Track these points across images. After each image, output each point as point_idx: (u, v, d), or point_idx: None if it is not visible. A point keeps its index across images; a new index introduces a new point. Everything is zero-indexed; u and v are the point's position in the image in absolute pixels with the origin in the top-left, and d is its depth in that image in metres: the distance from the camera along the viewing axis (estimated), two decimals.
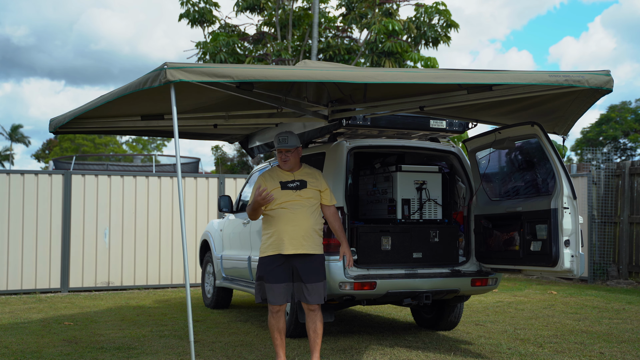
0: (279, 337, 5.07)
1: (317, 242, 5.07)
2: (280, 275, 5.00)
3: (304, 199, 5.05)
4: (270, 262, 5.02)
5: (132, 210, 11.33)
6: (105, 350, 6.03)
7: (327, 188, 5.22)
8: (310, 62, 6.43)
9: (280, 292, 4.99)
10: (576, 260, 5.17)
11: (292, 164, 5.15)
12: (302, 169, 5.22)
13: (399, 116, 6.50)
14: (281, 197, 5.03)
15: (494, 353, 5.85)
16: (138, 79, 4.40)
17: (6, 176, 10.69)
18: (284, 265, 5.00)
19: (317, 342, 5.08)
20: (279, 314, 5.05)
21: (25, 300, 9.89)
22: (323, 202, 5.18)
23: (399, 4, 16.56)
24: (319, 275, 5.05)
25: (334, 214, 5.23)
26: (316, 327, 5.06)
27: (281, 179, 5.10)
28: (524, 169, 5.86)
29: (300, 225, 4.97)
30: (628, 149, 42.91)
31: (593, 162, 12.52)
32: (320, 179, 5.21)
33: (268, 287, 5.00)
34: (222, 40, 16.28)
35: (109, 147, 49.48)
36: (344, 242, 5.25)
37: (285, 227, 4.97)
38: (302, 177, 5.14)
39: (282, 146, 5.08)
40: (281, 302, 5.00)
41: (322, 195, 5.18)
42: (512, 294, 10.07)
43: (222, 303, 8.72)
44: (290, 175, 5.14)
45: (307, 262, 5.01)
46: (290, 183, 5.08)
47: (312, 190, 5.11)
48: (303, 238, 4.97)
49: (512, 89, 5.11)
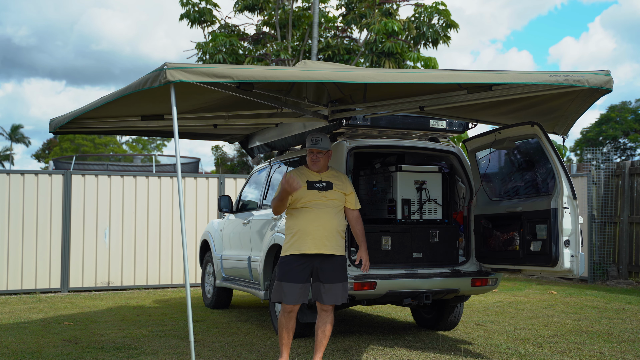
0: (286, 336, 5.07)
1: (340, 243, 5.10)
2: (298, 275, 5.00)
3: (329, 199, 5.09)
4: (291, 262, 5.04)
5: (132, 210, 11.33)
6: (105, 350, 6.03)
7: (353, 192, 5.27)
8: (310, 62, 6.43)
9: (296, 292, 4.99)
10: (576, 260, 5.17)
11: (322, 165, 5.19)
12: (329, 171, 5.28)
13: (399, 116, 6.50)
14: (306, 197, 5.05)
15: (494, 353, 5.85)
16: (138, 80, 4.40)
17: (6, 176, 10.69)
18: (304, 265, 5.01)
19: (323, 343, 5.09)
20: (292, 314, 5.06)
21: (25, 300, 9.89)
22: (347, 205, 5.22)
23: (398, 4, 16.55)
24: (338, 276, 5.07)
25: (357, 217, 5.27)
26: (325, 329, 5.07)
27: (308, 179, 5.13)
28: (524, 169, 5.86)
29: (323, 226, 5.00)
30: (628, 149, 42.94)
31: (593, 162, 12.51)
32: (346, 183, 5.27)
33: (285, 285, 5.00)
34: (221, 41, 16.28)
35: (109, 147, 49.48)
36: (363, 246, 5.27)
37: (309, 226, 4.99)
38: (328, 178, 5.19)
39: (315, 147, 5.13)
40: (295, 302, 5.00)
41: (347, 198, 5.22)
42: (512, 294, 10.07)
43: (222, 303, 8.72)
44: (317, 175, 5.18)
45: (327, 262, 5.03)
46: (316, 183, 5.12)
47: (338, 192, 5.15)
48: (326, 238, 5.00)
49: (512, 89, 5.11)
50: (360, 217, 5.30)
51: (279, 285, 5.05)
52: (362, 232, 5.27)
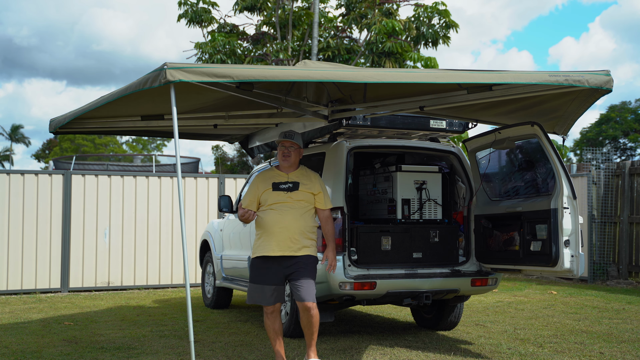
0: (275, 337, 5.04)
1: (306, 243, 5.01)
2: (269, 277, 4.98)
3: (294, 200, 5.02)
4: (260, 264, 5.03)
5: (132, 210, 11.33)
6: (105, 350, 6.03)
7: (322, 191, 5.17)
8: (310, 62, 6.43)
9: (269, 294, 4.97)
10: (576, 260, 5.17)
11: (292, 161, 5.13)
12: (299, 170, 5.20)
13: (399, 116, 6.50)
14: (272, 198, 5.03)
15: (494, 353, 5.85)
16: (138, 80, 4.40)
17: (6, 176, 10.69)
18: (273, 267, 4.98)
19: (313, 337, 4.98)
20: (274, 315, 5.03)
21: (25, 300, 9.89)
22: (316, 205, 5.14)
23: (399, 4, 16.56)
24: (307, 275, 4.95)
25: (326, 217, 5.18)
26: (310, 324, 4.93)
27: (274, 180, 5.09)
28: (524, 169, 5.86)
29: (287, 227, 4.95)
30: (628, 149, 42.95)
31: (593, 162, 12.51)
32: (315, 182, 5.17)
33: (258, 287, 5.00)
34: (220, 41, 16.27)
35: (109, 147, 49.48)
36: (330, 246, 5.17)
37: (273, 228, 4.96)
38: (296, 178, 5.11)
39: (287, 139, 5.09)
40: (271, 303, 4.98)
41: (316, 198, 5.13)
42: (512, 294, 10.07)
43: (222, 303, 8.72)
44: (284, 176, 5.13)
45: (295, 262, 4.97)
46: (282, 184, 5.06)
47: (304, 192, 5.07)
48: (290, 240, 4.95)
49: (512, 89, 5.11)
50: (330, 217, 5.21)
51: (251, 287, 5.07)
52: (331, 232, 5.18)
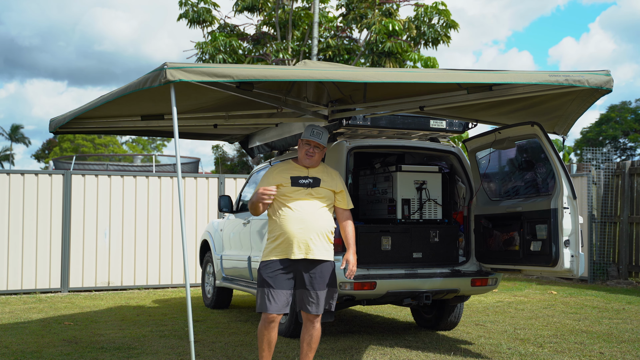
0: (267, 349, 4.55)
1: (327, 247, 4.62)
2: (284, 282, 4.53)
3: (314, 198, 4.62)
4: (275, 266, 4.55)
5: (132, 210, 11.32)
6: (105, 350, 6.03)
7: (343, 190, 4.81)
8: (310, 62, 6.43)
9: (281, 300, 4.51)
10: (576, 260, 5.17)
11: (315, 161, 4.73)
12: (320, 166, 4.81)
13: (399, 116, 6.50)
14: (290, 194, 4.59)
15: (494, 353, 5.85)
16: (138, 79, 4.40)
17: (6, 176, 10.69)
18: (288, 270, 4.55)
19: (309, 356, 4.64)
20: (274, 325, 4.53)
21: (25, 300, 9.89)
22: (337, 204, 4.78)
23: (399, 4, 16.56)
24: (326, 284, 4.60)
25: (348, 218, 4.80)
26: (311, 341, 4.62)
27: (292, 174, 4.66)
28: (524, 169, 5.86)
29: (309, 227, 4.53)
30: (628, 149, 42.97)
31: (593, 162, 12.51)
32: (336, 179, 4.80)
33: (269, 292, 4.50)
34: (221, 41, 16.28)
35: (109, 147, 49.48)
36: (351, 249, 4.73)
37: (293, 228, 4.52)
38: (317, 174, 4.71)
39: (314, 139, 4.68)
40: (279, 311, 4.50)
41: (337, 196, 4.77)
42: (512, 294, 10.07)
43: (222, 303, 8.72)
44: (304, 170, 4.71)
45: (315, 268, 4.57)
46: (302, 179, 4.64)
47: (325, 189, 4.69)
48: (312, 242, 4.53)
49: (512, 89, 5.11)
50: (351, 218, 4.83)
51: (263, 293, 4.53)
52: (352, 235, 4.77)
